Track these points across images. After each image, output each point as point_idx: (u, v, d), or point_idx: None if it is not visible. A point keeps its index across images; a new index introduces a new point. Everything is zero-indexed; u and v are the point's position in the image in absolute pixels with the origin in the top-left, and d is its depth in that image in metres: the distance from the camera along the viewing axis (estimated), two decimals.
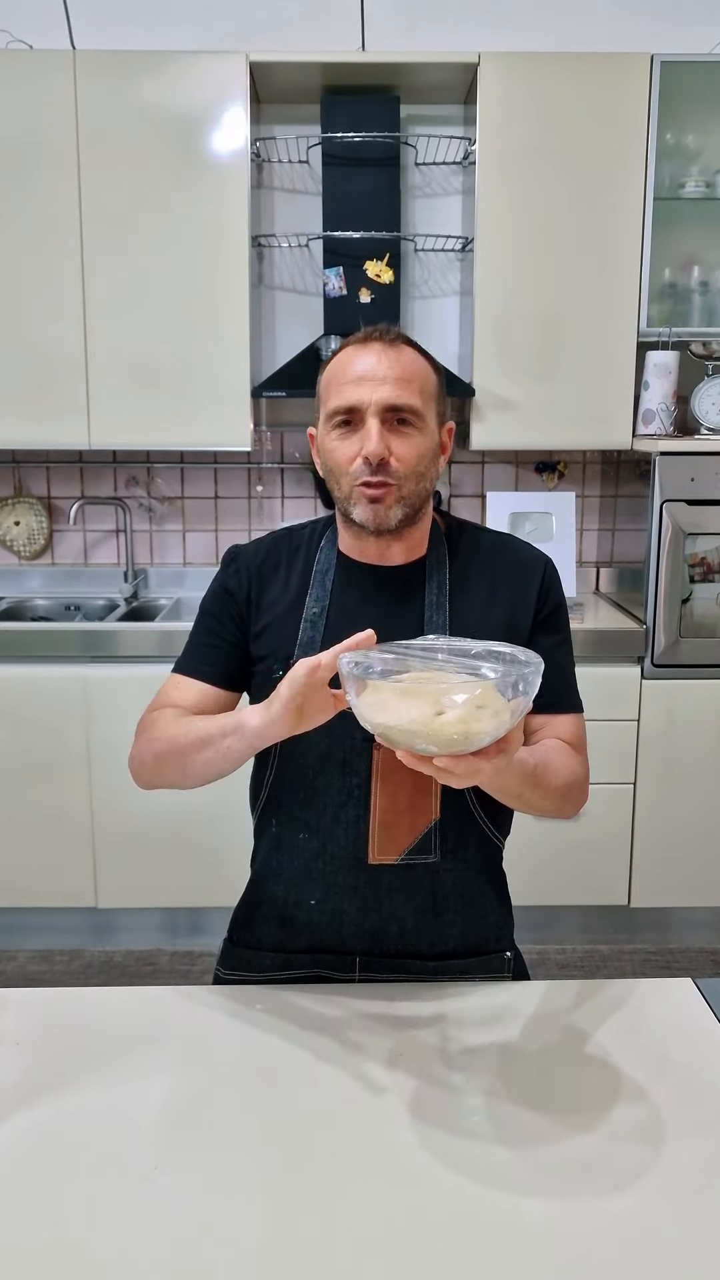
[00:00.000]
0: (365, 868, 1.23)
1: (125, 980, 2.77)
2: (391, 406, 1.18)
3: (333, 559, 1.30)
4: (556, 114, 2.80)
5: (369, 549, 1.28)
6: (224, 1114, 1.02)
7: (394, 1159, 0.95)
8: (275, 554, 1.32)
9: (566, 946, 2.93)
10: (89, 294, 2.84)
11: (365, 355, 1.20)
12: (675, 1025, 1.16)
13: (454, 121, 3.07)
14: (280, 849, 1.29)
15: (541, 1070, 1.09)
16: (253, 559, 1.32)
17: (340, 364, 1.22)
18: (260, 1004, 1.20)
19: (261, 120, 3.04)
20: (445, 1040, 1.13)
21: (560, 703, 1.28)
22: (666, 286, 3.01)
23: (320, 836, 1.25)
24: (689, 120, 2.91)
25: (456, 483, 3.29)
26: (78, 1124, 1.00)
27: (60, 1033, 1.15)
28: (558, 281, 2.88)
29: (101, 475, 3.27)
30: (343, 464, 1.21)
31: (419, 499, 1.23)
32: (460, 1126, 1.00)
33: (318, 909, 1.26)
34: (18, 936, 2.93)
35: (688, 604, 2.80)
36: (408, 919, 1.26)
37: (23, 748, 2.78)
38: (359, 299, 2.95)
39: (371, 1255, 0.84)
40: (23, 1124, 1.00)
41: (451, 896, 1.27)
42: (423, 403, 1.20)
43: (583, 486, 3.30)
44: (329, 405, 1.21)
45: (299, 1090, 1.05)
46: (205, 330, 2.87)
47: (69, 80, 2.75)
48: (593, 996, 1.23)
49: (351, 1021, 1.17)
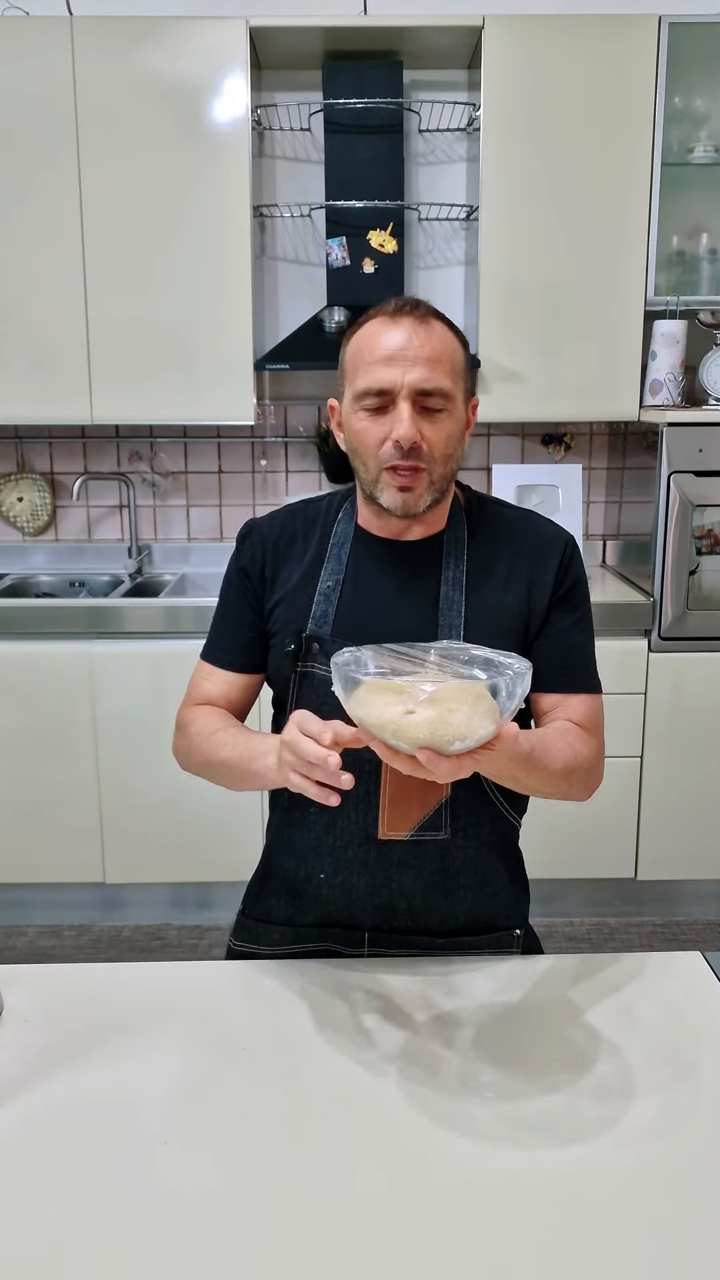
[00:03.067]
0: (375, 843, 1.23)
1: (134, 955, 2.78)
2: (423, 391, 1.16)
3: (350, 532, 1.28)
4: (562, 78, 2.76)
5: (390, 525, 1.26)
6: (232, 1088, 1.02)
7: (403, 1134, 0.95)
8: (291, 526, 1.31)
9: (574, 920, 2.94)
10: (89, 267, 2.81)
11: (395, 332, 1.16)
12: (684, 998, 1.16)
13: (458, 87, 3.03)
14: (291, 822, 1.29)
15: (551, 1044, 1.09)
16: (268, 533, 1.31)
17: (369, 339, 1.18)
18: (269, 978, 1.20)
19: (262, 87, 3.00)
20: (453, 1014, 1.13)
21: (574, 683, 1.26)
22: (674, 254, 2.97)
23: (330, 811, 1.24)
24: (697, 83, 2.86)
25: (463, 455, 3.27)
26: (87, 1098, 1.00)
27: (69, 1008, 1.15)
28: (564, 250, 2.84)
29: (104, 450, 3.26)
30: (371, 446, 1.18)
31: (447, 481, 1.22)
32: (468, 1100, 1.00)
33: (327, 883, 1.26)
34: (27, 912, 2.94)
35: (695, 576, 2.78)
36: (417, 895, 1.26)
37: (29, 724, 2.79)
38: (362, 269, 2.92)
39: (380, 1230, 0.84)
40: (33, 1099, 1.00)
41: (462, 873, 1.26)
42: (453, 384, 1.18)
43: (589, 459, 3.27)
44: (357, 384, 1.18)
45: (308, 1065, 1.05)
46: (207, 303, 2.84)
47: (66, 47, 2.70)
48: (601, 970, 1.22)
49: (360, 996, 1.17)
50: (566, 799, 1.20)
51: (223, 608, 1.34)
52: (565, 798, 1.19)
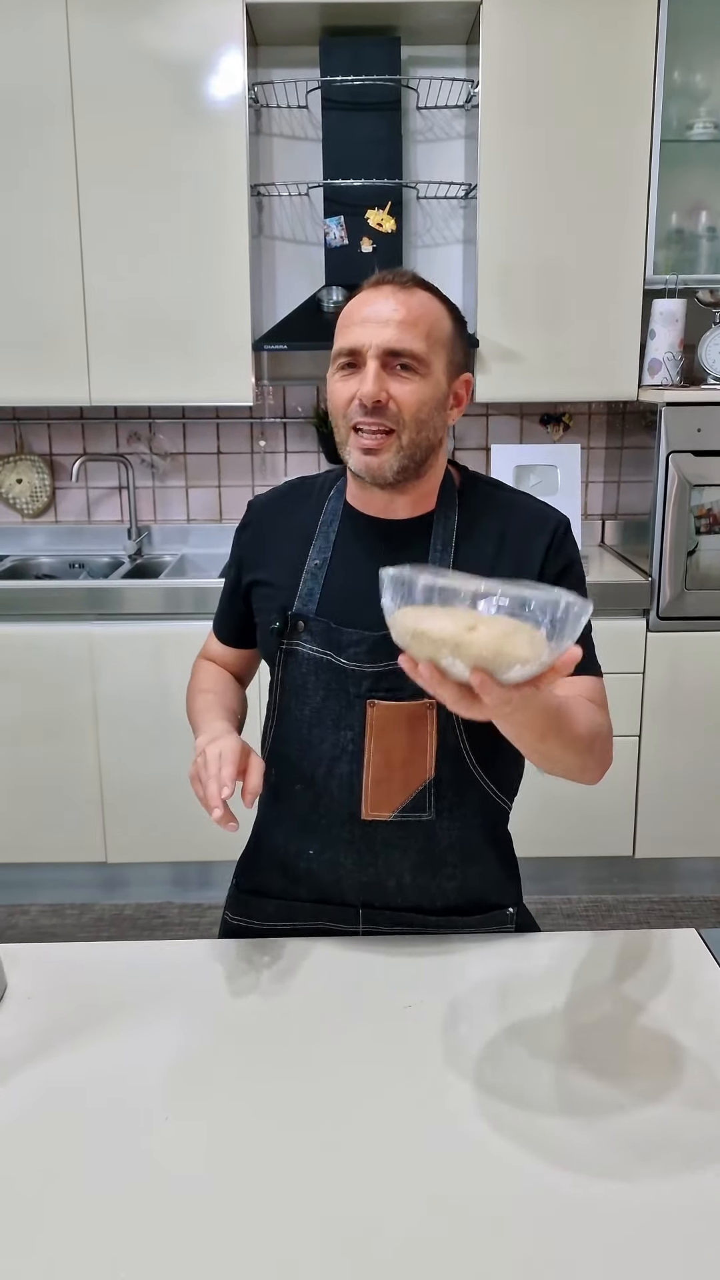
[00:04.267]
0: (359, 823, 1.24)
1: (135, 933, 2.80)
2: (392, 350, 1.15)
3: (339, 510, 1.29)
4: (561, 53, 2.73)
5: (373, 501, 1.25)
6: (233, 1065, 1.03)
7: (399, 1110, 0.97)
8: (287, 501, 1.35)
9: (572, 897, 2.96)
10: (86, 247, 2.79)
11: (374, 296, 1.18)
12: (678, 974, 1.18)
13: (456, 63, 3.00)
14: (279, 799, 1.30)
15: (546, 1019, 1.10)
16: (264, 510, 1.36)
17: (353, 305, 1.20)
18: (268, 956, 1.22)
19: (259, 64, 2.97)
20: (450, 991, 1.15)
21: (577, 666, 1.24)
22: (673, 232, 2.95)
23: (315, 789, 1.26)
24: (697, 58, 2.84)
25: (460, 435, 3.26)
26: (89, 1075, 1.01)
27: (71, 986, 1.17)
28: (562, 228, 2.82)
29: (103, 431, 3.25)
30: (340, 405, 1.19)
31: (420, 450, 1.19)
32: (463, 1077, 1.01)
33: (316, 859, 1.28)
34: (29, 891, 2.96)
35: (693, 556, 2.79)
36: (405, 874, 1.26)
37: (30, 705, 2.80)
38: (361, 248, 2.90)
39: (377, 1206, 0.86)
40: (35, 1075, 1.01)
41: (449, 854, 1.26)
42: (428, 347, 1.16)
43: (588, 438, 3.27)
44: (336, 346, 1.20)
45: (306, 1042, 1.07)
46: (205, 283, 2.83)
47: (61, 22, 2.68)
48: (597, 947, 1.24)
49: (358, 974, 1.18)
50: (583, 774, 1.14)
51: (225, 587, 1.41)
52: (583, 771, 1.14)
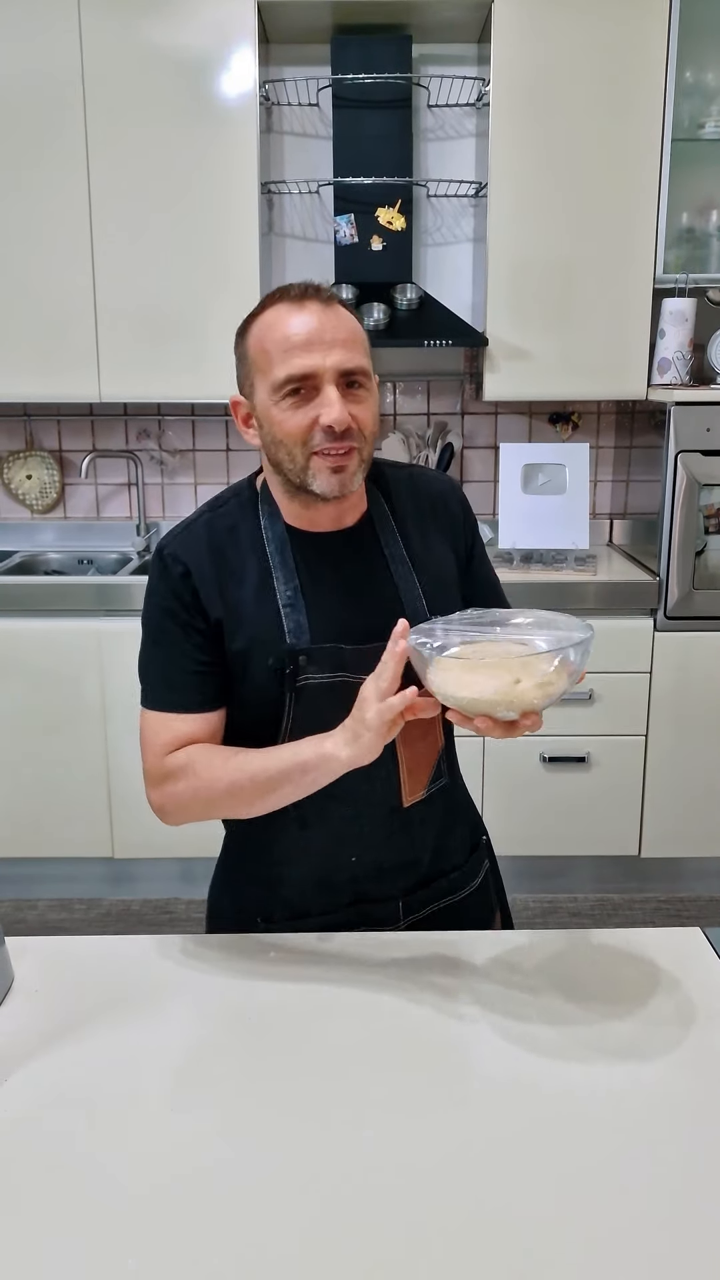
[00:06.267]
0: (398, 813, 1.27)
1: (142, 928, 2.82)
2: (345, 371, 1.14)
3: (282, 534, 1.24)
4: (572, 51, 2.73)
5: (321, 517, 1.23)
6: (239, 1059, 1.04)
7: (408, 1103, 0.97)
8: (213, 539, 1.23)
9: (578, 896, 2.96)
10: (97, 244, 2.80)
11: (305, 317, 1.14)
12: (682, 972, 1.18)
13: (467, 61, 3.00)
14: (307, 825, 1.26)
15: (551, 1017, 1.10)
16: (192, 557, 1.22)
17: (276, 328, 1.15)
18: (275, 950, 1.22)
19: (270, 62, 2.98)
20: (455, 986, 1.15)
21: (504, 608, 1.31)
22: (684, 231, 2.95)
23: (354, 798, 1.24)
24: (709, 57, 2.83)
25: (469, 434, 3.27)
26: (96, 1069, 1.02)
27: (79, 980, 1.17)
28: (573, 227, 2.82)
29: (112, 428, 3.26)
30: (297, 434, 1.15)
31: (369, 458, 1.21)
32: (470, 1073, 1.02)
33: (358, 865, 1.29)
34: (37, 886, 2.98)
35: (701, 556, 2.79)
36: (430, 841, 1.32)
37: (38, 701, 2.81)
38: (371, 246, 2.90)
39: (384, 1195, 0.86)
40: (42, 1069, 1.02)
41: (458, 807, 1.38)
42: (368, 361, 1.19)
43: (597, 437, 3.27)
44: (276, 375, 1.14)
45: (314, 1035, 1.07)
46: (215, 280, 2.84)
47: (73, 21, 2.69)
48: (602, 944, 1.24)
49: (365, 969, 1.19)
50: None
51: (164, 653, 1.21)
52: None
